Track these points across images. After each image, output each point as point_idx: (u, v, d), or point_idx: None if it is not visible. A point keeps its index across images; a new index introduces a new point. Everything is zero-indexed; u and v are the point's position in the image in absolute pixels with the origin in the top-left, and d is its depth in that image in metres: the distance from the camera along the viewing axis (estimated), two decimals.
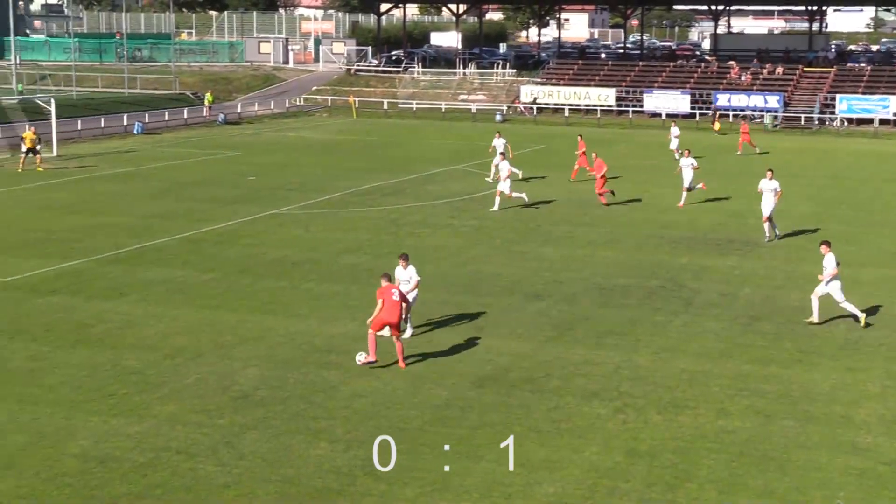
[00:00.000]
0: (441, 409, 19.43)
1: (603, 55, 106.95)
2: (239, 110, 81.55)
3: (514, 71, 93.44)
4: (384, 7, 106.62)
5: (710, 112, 76.85)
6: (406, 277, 23.40)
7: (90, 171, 49.25)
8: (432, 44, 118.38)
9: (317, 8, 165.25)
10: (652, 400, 20.05)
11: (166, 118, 74.07)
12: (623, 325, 25.02)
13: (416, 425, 18.61)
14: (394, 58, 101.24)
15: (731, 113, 77.75)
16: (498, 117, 79.45)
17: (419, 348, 22.85)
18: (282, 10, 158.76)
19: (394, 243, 33.79)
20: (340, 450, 17.53)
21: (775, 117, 75.26)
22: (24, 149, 48.87)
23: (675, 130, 56.82)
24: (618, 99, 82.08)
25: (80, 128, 64.76)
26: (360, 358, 21.47)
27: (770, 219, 34.71)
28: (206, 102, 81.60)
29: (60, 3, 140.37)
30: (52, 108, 55.92)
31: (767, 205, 34.41)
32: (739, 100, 79.54)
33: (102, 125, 67.45)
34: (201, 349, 22.71)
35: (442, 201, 41.96)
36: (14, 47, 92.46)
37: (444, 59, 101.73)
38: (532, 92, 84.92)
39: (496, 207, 39.57)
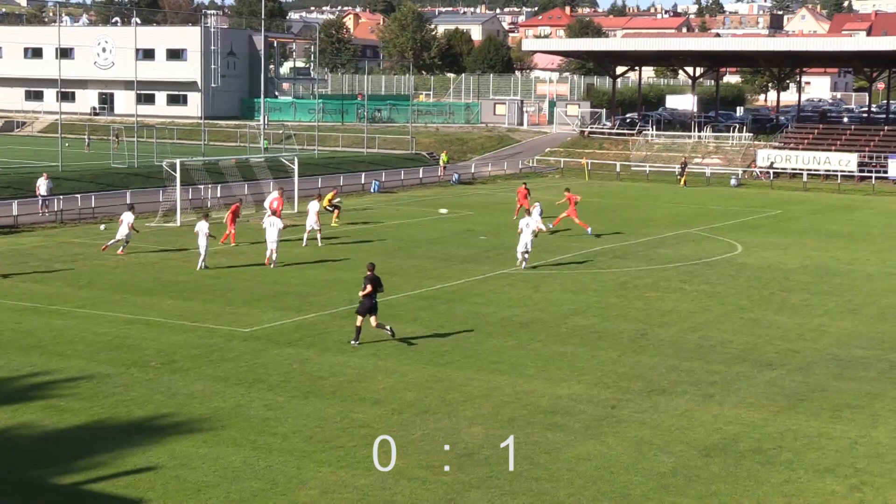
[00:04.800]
0: (666, 476, 19.05)
1: (845, 119, 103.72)
2: (473, 170, 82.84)
3: (751, 135, 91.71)
4: (619, 70, 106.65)
5: None
6: None
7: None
8: (667, 106, 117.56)
9: (552, 70, 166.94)
10: (892, 479, 19.09)
11: (402, 177, 75.94)
12: (861, 399, 24.00)
13: (640, 492, 18.30)
14: (628, 120, 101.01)
15: None
16: (733, 181, 78.08)
17: (645, 413, 22.53)
18: (518, 73, 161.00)
19: (622, 306, 33.53)
20: None
21: None
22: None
23: None
24: (860, 164, 79.42)
25: (319, 185, 67.10)
26: None
27: None
28: (440, 162, 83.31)
29: (308, 66, 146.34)
30: (295, 167, 58.17)
31: None
32: None
33: (341, 183, 69.70)
34: (428, 405, 23.00)
35: (673, 265, 41.43)
36: (263, 108, 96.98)
37: (678, 122, 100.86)
38: (769, 156, 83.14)
39: None
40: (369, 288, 27.47)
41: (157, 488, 18.05)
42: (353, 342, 27.84)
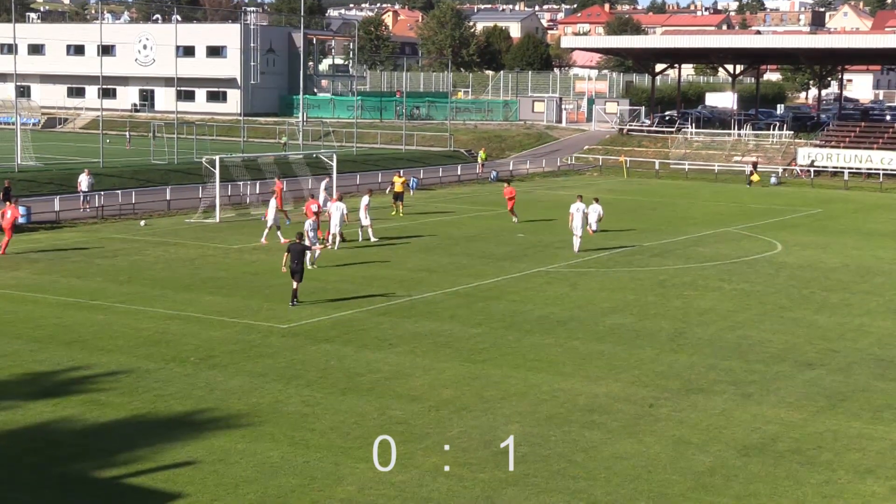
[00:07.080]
0: (704, 476, 18.96)
1: (888, 117, 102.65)
2: (511, 168, 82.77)
3: (791, 133, 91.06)
4: (659, 67, 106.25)
5: None
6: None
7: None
8: (707, 104, 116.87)
9: (591, 68, 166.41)
10: None
11: (440, 174, 76.01)
12: None
13: (677, 491, 18.23)
14: (667, 118, 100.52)
15: None
16: (773, 180, 77.55)
17: (683, 412, 22.44)
18: (556, 70, 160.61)
19: (660, 304, 33.40)
20: None
21: None
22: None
23: None
24: None
25: (358, 182, 67.32)
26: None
27: None
28: (479, 160, 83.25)
29: (346, 63, 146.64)
30: (334, 163, 58.33)
31: None
32: None
33: (380, 180, 69.81)
34: (466, 402, 23.01)
35: (712, 264, 41.21)
36: (302, 105, 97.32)
37: (718, 120, 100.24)
38: (809, 154, 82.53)
39: None
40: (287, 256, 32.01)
41: (196, 483, 18.17)
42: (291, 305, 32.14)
